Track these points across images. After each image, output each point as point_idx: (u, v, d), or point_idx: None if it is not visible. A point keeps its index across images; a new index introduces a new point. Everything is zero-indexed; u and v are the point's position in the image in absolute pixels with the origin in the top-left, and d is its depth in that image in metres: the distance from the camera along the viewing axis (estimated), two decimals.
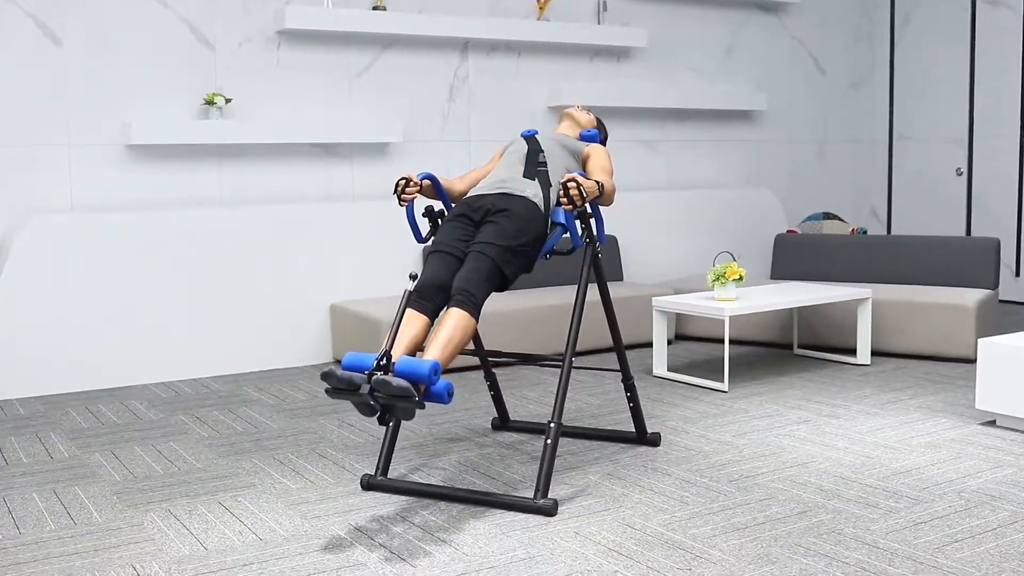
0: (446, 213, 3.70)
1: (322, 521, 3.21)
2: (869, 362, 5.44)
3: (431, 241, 3.83)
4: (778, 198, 7.61)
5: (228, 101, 5.50)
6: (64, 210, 5.26)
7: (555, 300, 5.72)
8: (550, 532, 3.08)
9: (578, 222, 3.59)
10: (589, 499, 3.37)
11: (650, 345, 6.13)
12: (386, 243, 5.87)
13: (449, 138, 6.32)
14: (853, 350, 5.83)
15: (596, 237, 3.65)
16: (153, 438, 4.22)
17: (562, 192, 3.40)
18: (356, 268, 5.79)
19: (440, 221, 3.69)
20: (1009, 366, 4.09)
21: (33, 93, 5.17)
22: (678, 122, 7.24)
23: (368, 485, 3.48)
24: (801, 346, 5.95)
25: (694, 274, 6.98)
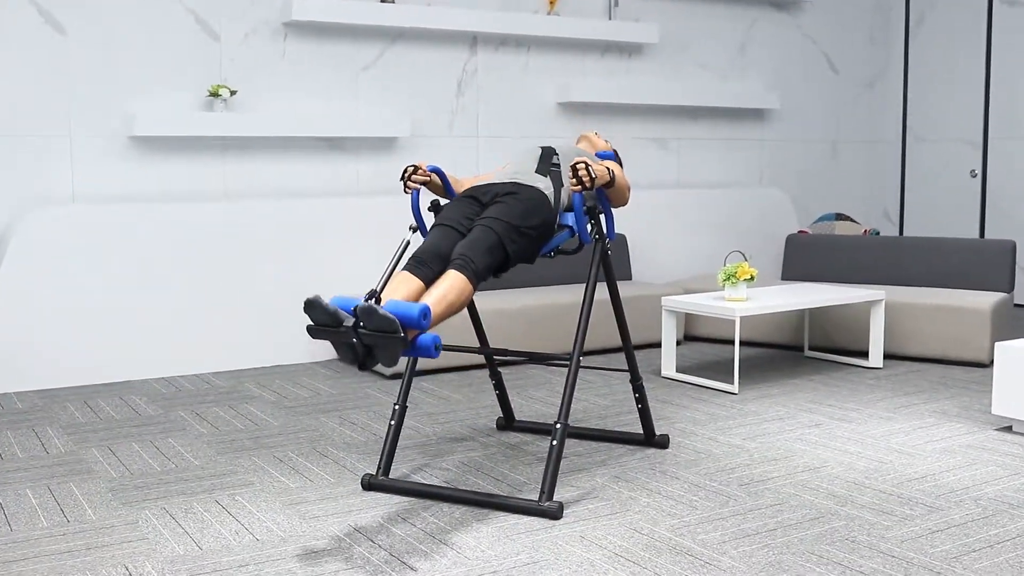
0: None
1: (321, 521, 3.13)
2: (881, 365, 5.35)
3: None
4: (789, 198, 7.51)
5: (233, 93, 5.43)
6: (66, 202, 5.18)
7: (562, 299, 5.64)
8: (555, 536, 2.99)
9: (587, 218, 3.51)
10: (596, 502, 3.29)
11: (658, 346, 6.04)
12: (391, 239, 5.79)
13: (457, 133, 6.24)
14: (865, 353, 5.74)
15: (605, 234, 3.57)
16: (151, 434, 4.15)
17: (571, 173, 3.35)
18: (360, 264, 5.71)
19: None
20: None
21: (36, 83, 5.09)
22: (689, 120, 7.15)
23: (369, 485, 3.40)
24: (812, 348, 5.86)
25: (704, 274, 6.89)
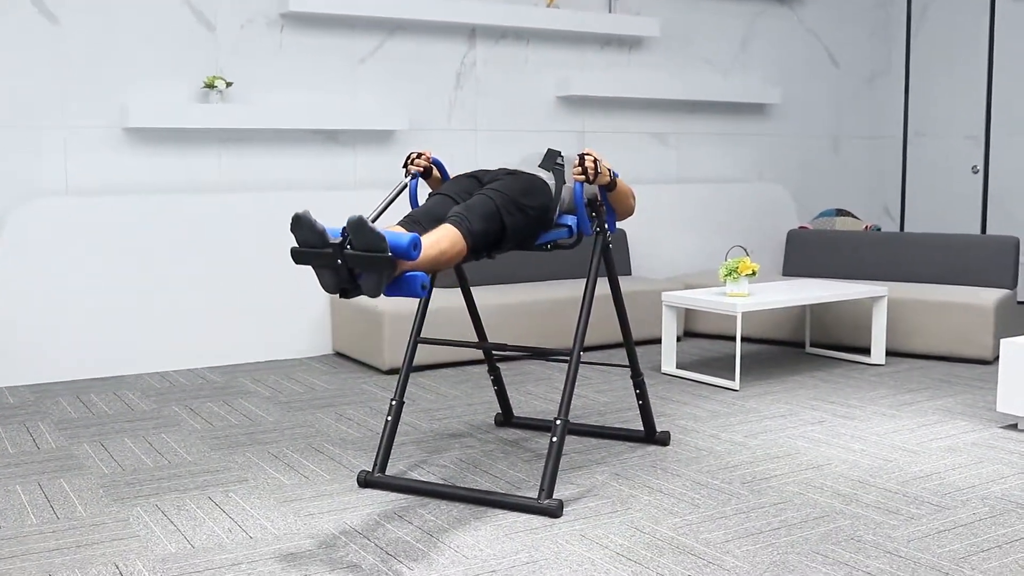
0: None
1: (316, 519, 3.06)
2: (884, 362, 5.29)
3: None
4: (790, 193, 7.45)
5: (229, 85, 5.36)
6: (59, 193, 5.11)
7: (561, 293, 5.58)
8: (555, 534, 2.94)
9: (588, 210, 3.45)
10: (596, 500, 3.23)
11: (657, 342, 5.98)
12: None
13: (456, 127, 6.17)
14: (866, 349, 5.68)
15: (606, 227, 3.51)
16: (144, 429, 4.08)
17: (577, 162, 3.29)
18: None
19: None
20: None
21: (29, 73, 5.02)
22: (689, 114, 7.09)
23: (365, 482, 3.34)
24: (813, 345, 5.80)
25: (704, 269, 6.83)
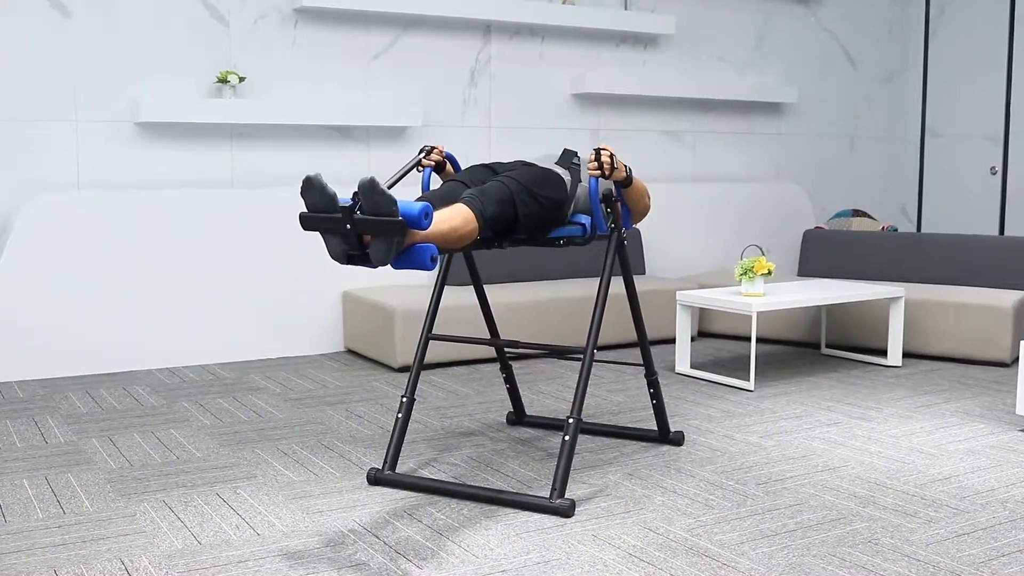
0: None
1: (325, 516, 3.03)
2: (900, 363, 5.22)
3: None
4: (806, 193, 7.39)
5: (242, 80, 5.33)
6: (70, 188, 5.10)
7: (575, 292, 5.53)
8: (566, 534, 2.89)
9: (603, 207, 3.40)
10: (608, 500, 3.18)
11: (671, 342, 5.93)
12: None
13: (469, 123, 6.13)
14: (883, 351, 5.62)
15: (621, 223, 3.46)
16: (153, 425, 4.05)
17: (592, 156, 3.26)
18: None
19: None
20: None
21: (40, 67, 5.00)
22: (705, 113, 7.03)
23: (375, 479, 3.30)
24: (829, 346, 5.74)
25: (718, 269, 6.77)
